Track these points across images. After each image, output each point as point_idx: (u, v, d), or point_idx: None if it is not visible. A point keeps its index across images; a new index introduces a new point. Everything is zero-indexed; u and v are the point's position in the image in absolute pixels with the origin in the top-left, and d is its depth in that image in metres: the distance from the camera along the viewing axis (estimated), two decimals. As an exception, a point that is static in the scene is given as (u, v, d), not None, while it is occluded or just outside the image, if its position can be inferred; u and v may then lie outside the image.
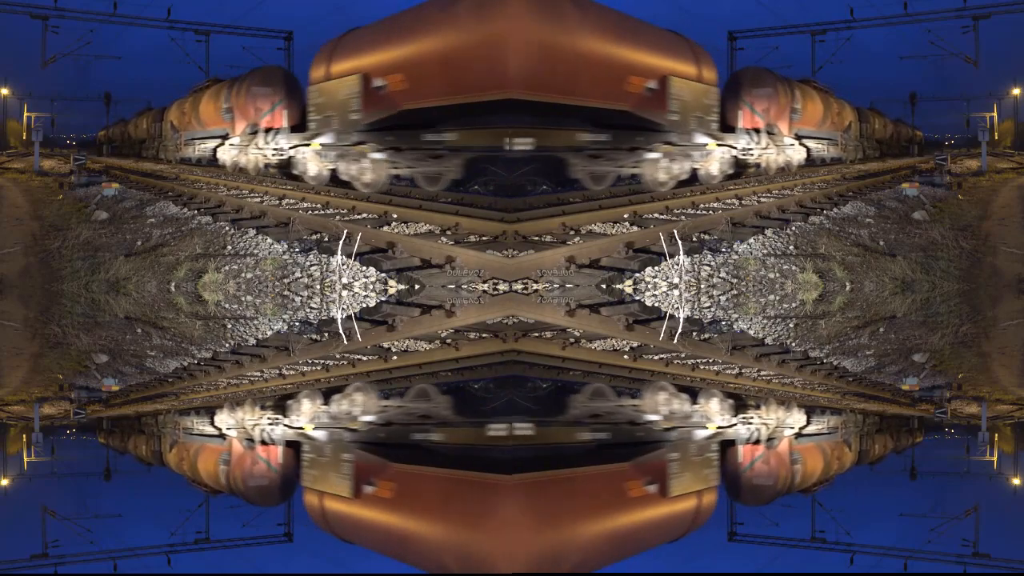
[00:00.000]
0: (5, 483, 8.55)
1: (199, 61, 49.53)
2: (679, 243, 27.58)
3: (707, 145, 35.11)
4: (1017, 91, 49.89)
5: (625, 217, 28.76)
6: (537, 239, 27.43)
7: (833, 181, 34.75)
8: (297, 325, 21.06)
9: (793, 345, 17.53)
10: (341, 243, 27.30)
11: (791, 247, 28.97)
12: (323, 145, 34.05)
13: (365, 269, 26.85)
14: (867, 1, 47.36)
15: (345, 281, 26.83)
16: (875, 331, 19.90)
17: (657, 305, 24.85)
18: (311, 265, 27.43)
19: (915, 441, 10.30)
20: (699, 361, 15.27)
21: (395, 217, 28.70)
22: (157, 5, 48.74)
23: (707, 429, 10.63)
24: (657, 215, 29.28)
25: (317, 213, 29.56)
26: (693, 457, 9.55)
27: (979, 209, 32.42)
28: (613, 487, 8.75)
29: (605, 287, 26.49)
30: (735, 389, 12.67)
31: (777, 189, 33.08)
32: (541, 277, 26.40)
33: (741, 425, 10.64)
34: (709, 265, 27.57)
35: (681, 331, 19.49)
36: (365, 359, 15.30)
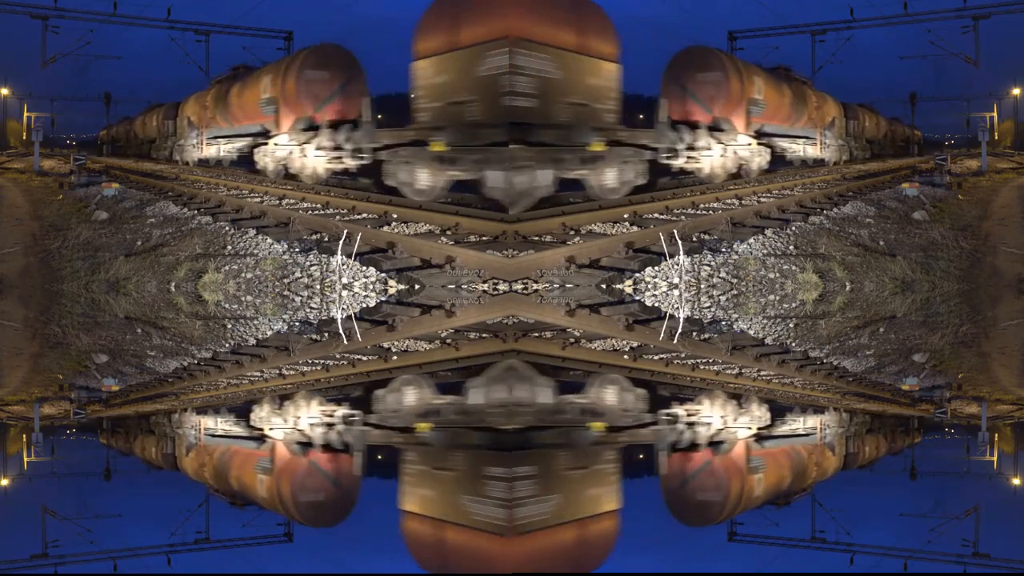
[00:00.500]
0: (5, 483, 8.55)
1: (199, 61, 49.54)
2: (679, 243, 27.57)
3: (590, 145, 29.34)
4: (1017, 91, 49.88)
5: (625, 217, 28.76)
6: (537, 239, 27.43)
7: (833, 181, 34.74)
8: (297, 325, 21.06)
9: (793, 345, 17.53)
10: (341, 243, 27.29)
11: (791, 247, 28.97)
12: (445, 146, 27.98)
13: (365, 269, 26.85)
14: (867, 1, 47.40)
15: (345, 281, 26.83)
16: (875, 331, 19.90)
17: (657, 305, 24.84)
18: (311, 265, 27.42)
19: (915, 441, 10.30)
20: (699, 361, 15.27)
21: (395, 217, 28.69)
22: (157, 5, 48.80)
23: (590, 429, 10.21)
24: (657, 215, 29.27)
25: (317, 213, 29.55)
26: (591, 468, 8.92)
27: (979, 209, 32.42)
28: None
29: (605, 287, 26.49)
30: (735, 389, 12.67)
31: (777, 189, 33.07)
32: (541, 277, 26.39)
33: (675, 424, 10.47)
34: (709, 265, 27.57)
35: (681, 331, 19.49)
36: (365, 359, 15.30)
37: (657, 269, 27.10)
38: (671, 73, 32.75)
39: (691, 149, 31.81)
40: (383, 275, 26.71)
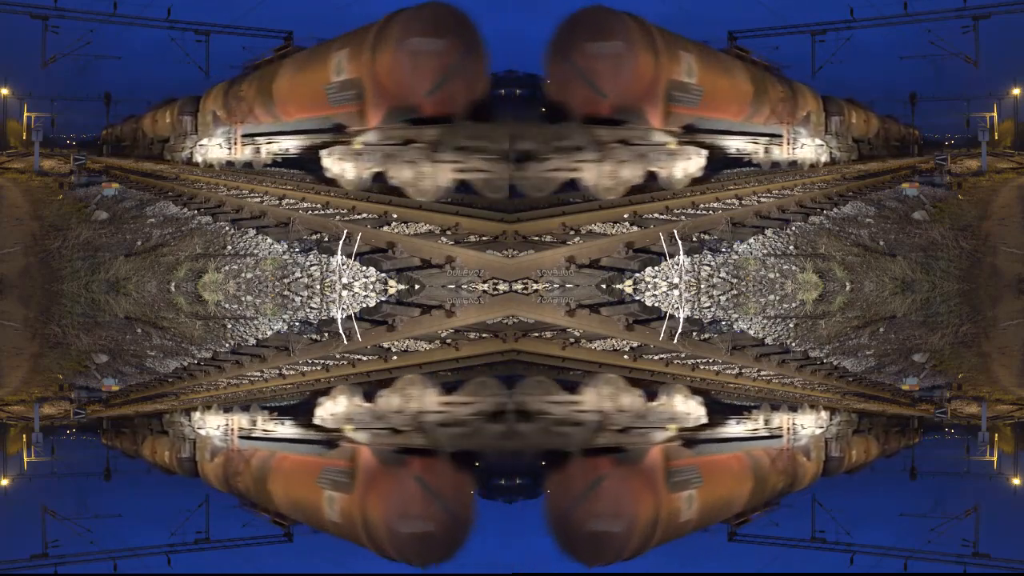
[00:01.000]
0: (5, 483, 8.55)
1: (199, 61, 49.50)
2: (679, 243, 27.56)
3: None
4: (1017, 91, 49.86)
5: (625, 217, 28.75)
6: (537, 239, 27.42)
7: (833, 181, 34.74)
8: (297, 325, 21.06)
9: (793, 345, 17.53)
10: (341, 243, 27.28)
11: (791, 247, 28.96)
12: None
13: (365, 269, 26.84)
14: (867, 1, 47.32)
15: (345, 281, 26.82)
16: (875, 331, 19.90)
17: (657, 305, 24.84)
18: (311, 265, 27.42)
19: (913, 442, 10.30)
20: (699, 361, 15.27)
21: (395, 217, 28.68)
22: (157, 5, 48.68)
23: None
24: (657, 215, 29.26)
25: (317, 213, 29.55)
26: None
27: (979, 209, 32.41)
28: None
29: (605, 287, 26.49)
30: (735, 389, 12.67)
31: (777, 189, 33.07)
32: (541, 277, 26.38)
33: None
34: (709, 265, 27.56)
35: (681, 331, 19.48)
36: (365, 359, 15.30)
37: (657, 269, 27.08)
38: (557, 43, 24.39)
39: (569, 152, 23.92)
40: (383, 275, 26.70)
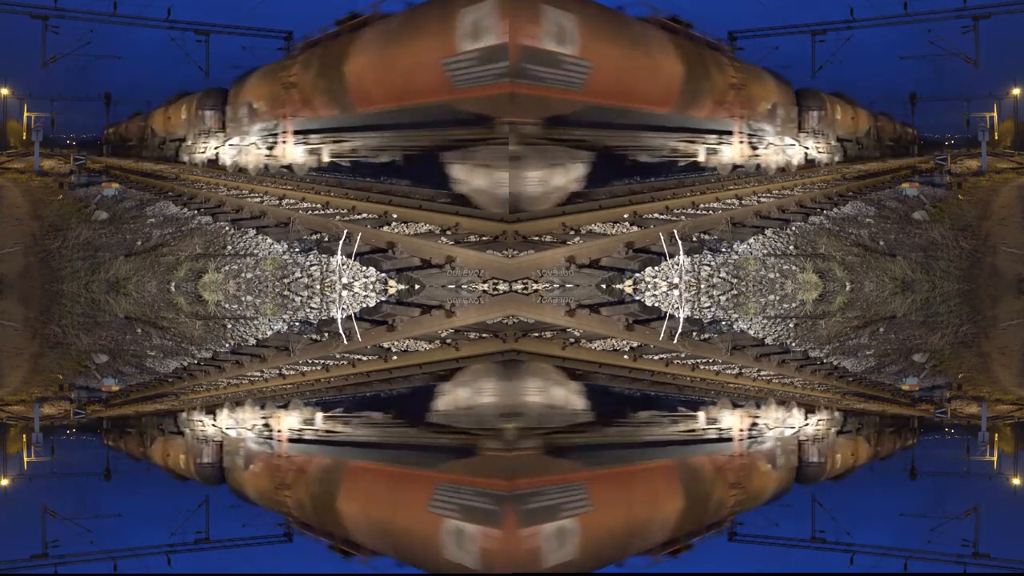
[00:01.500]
0: (5, 483, 8.55)
1: (199, 61, 49.52)
2: (679, 243, 27.56)
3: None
4: (1017, 91, 49.88)
5: (625, 217, 28.75)
6: (537, 239, 27.42)
7: (833, 181, 34.75)
8: (297, 325, 21.06)
9: (793, 345, 17.53)
10: (341, 243, 27.29)
11: (791, 247, 28.96)
12: None
13: (365, 269, 26.84)
14: (867, 1, 47.34)
15: (345, 281, 26.83)
16: (875, 331, 19.90)
17: (657, 305, 24.84)
18: (311, 265, 27.42)
19: (908, 443, 10.29)
20: (699, 361, 15.27)
21: (395, 217, 28.69)
22: (157, 5, 48.71)
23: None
24: (657, 215, 29.27)
25: (317, 213, 29.55)
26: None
27: (979, 209, 32.41)
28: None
29: (605, 287, 26.48)
30: (735, 389, 12.67)
31: (777, 189, 33.08)
32: (541, 277, 26.39)
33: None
34: (709, 265, 27.56)
35: (681, 331, 19.48)
36: (365, 359, 15.30)
37: (657, 269, 27.09)
38: None
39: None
40: (383, 275, 26.70)
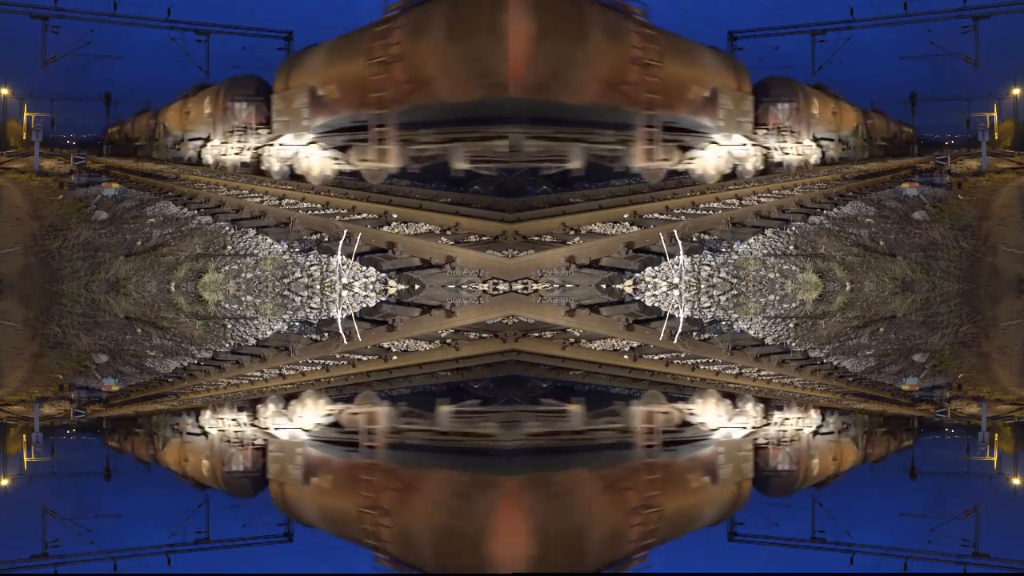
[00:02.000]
0: (5, 483, 8.55)
1: (199, 61, 49.54)
2: (679, 243, 27.56)
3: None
4: (1017, 91, 49.89)
5: (625, 217, 28.76)
6: (537, 239, 27.43)
7: (833, 181, 34.74)
8: (297, 325, 21.06)
9: (793, 345, 17.53)
10: (341, 243, 27.29)
11: (791, 247, 28.96)
12: None
13: (365, 269, 26.84)
14: (867, 1, 47.35)
15: (345, 281, 26.83)
16: (875, 331, 19.90)
17: (657, 305, 24.84)
18: (311, 265, 27.42)
19: (903, 444, 10.29)
20: (699, 361, 15.27)
21: (395, 217, 28.69)
22: (157, 5, 48.75)
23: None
24: (657, 215, 29.27)
25: (317, 213, 29.55)
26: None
27: (979, 209, 32.42)
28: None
29: (605, 287, 26.49)
30: (735, 389, 12.67)
31: (777, 189, 33.08)
32: (541, 277, 26.39)
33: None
34: (709, 265, 27.56)
35: (681, 331, 19.48)
36: (365, 359, 15.30)
37: (657, 269, 27.09)
38: None
39: None
40: (383, 275, 26.71)
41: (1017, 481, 8.80)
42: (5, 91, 50.56)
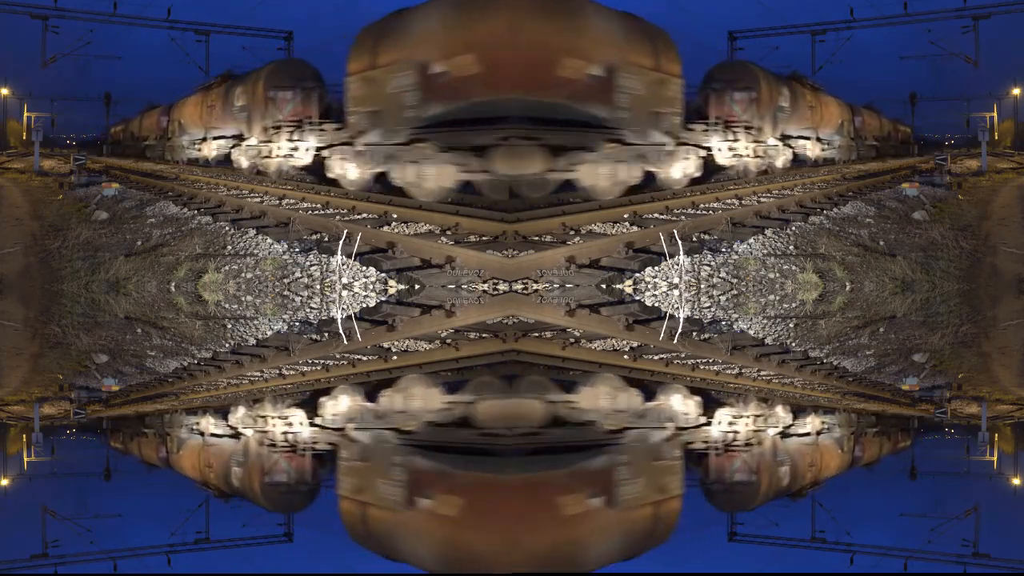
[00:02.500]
0: (5, 483, 8.55)
1: (199, 61, 49.53)
2: (679, 243, 27.56)
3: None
4: (1017, 91, 49.89)
5: (625, 217, 28.75)
6: (537, 239, 27.42)
7: (833, 181, 34.74)
8: (297, 325, 21.06)
9: (793, 345, 17.53)
10: (341, 243, 27.29)
11: (791, 247, 28.96)
12: None
13: (365, 269, 26.84)
14: (867, 1, 47.35)
15: (345, 281, 26.83)
16: (875, 331, 19.90)
17: (657, 305, 24.84)
18: (311, 265, 27.42)
19: (901, 445, 10.29)
20: (699, 361, 15.27)
21: (395, 217, 28.69)
22: (157, 5, 48.75)
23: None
24: (657, 215, 29.27)
25: (317, 213, 29.55)
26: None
27: (979, 209, 32.42)
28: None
29: (605, 287, 26.48)
30: (735, 389, 12.66)
31: (777, 189, 33.07)
32: (541, 277, 26.38)
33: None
34: (709, 265, 27.56)
35: (681, 331, 19.48)
36: (365, 359, 15.30)
37: (657, 269, 27.09)
38: None
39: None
40: (383, 275, 26.70)
41: (1017, 481, 8.79)
42: (5, 91, 50.56)
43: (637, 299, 25.67)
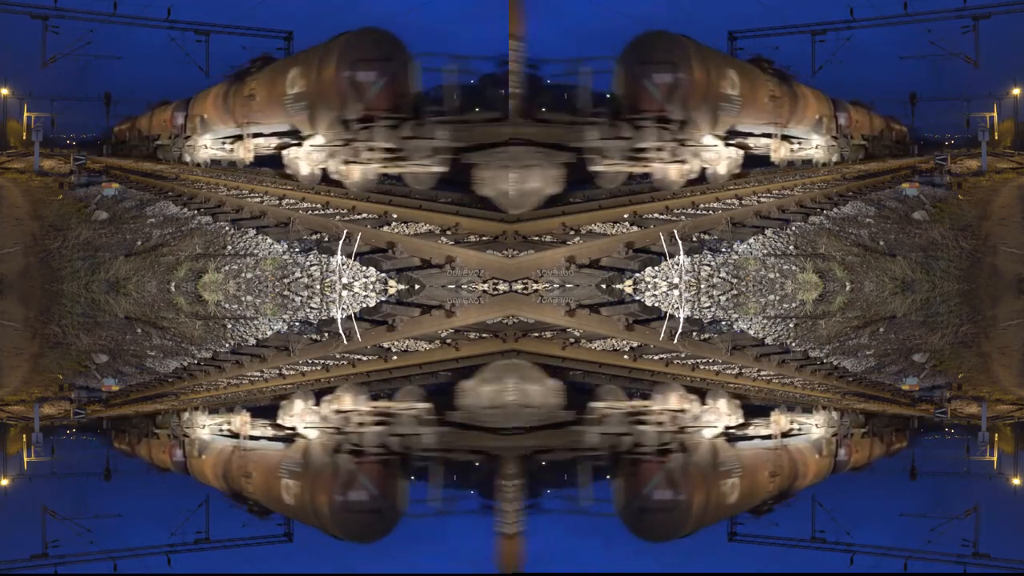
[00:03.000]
0: (5, 483, 8.54)
1: (199, 61, 49.50)
2: (679, 243, 27.55)
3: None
4: (1017, 91, 49.86)
5: (625, 217, 28.74)
6: (537, 239, 27.42)
7: (833, 181, 34.73)
8: (297, 325, 21.05)
9: (793, 345, 17.52)
10: (341, 243, 27.28)
11: (791, 247, 28.96)
12: None
13: (365, 269, 26.84)
14: (867, 1, 47.32)
15: (345, 281, 26.82)
16: (875, 331, 19.89)
17: (657, 305, 24.83)
18: (311, 265, 27.42)
19: (895, 447, 10.29)
20: (699, 361, 15.26)
21: (395, 217, 28.68)
22: (157, 5, 48.67)
23: None
24: (657, 215, 29.26)
25: (317, 213, 29.54)
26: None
27: (979, 209, 32.41)
28: None
29: (605, 287, 26.48)
30: (735, 389, 12.66)
31: (777, 189, 33.06)
32: (541, 277, 26.38)
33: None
34: (709, 265, 27.56)
35: (681, 331, 19.48)
36: (365, 359, 15.29)
37: (657, 269, 27.08)
38: None
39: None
40: (383, 275, 26.70)
41: (1017, 481, 8.79)
42: (5, 91, 50.53)
43: (637, 299, 25.67)
